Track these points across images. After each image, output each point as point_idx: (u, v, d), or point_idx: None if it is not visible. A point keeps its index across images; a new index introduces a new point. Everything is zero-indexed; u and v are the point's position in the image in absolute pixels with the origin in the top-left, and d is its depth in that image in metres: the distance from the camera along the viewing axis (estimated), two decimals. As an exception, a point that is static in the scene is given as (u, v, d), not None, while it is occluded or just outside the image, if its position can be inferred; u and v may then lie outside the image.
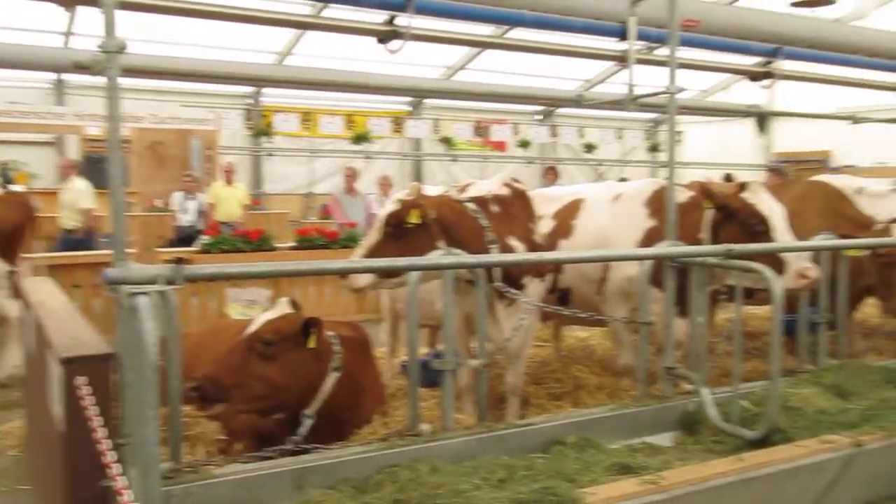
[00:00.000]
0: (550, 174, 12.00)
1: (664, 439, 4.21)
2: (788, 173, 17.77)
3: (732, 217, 4.70)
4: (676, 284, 4.47)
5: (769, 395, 3.91)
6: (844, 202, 5.97)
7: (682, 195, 4.90)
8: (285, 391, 3.73)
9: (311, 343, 3.76)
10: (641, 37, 4.94)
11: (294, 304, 4.08)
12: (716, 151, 20.80)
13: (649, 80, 4.82)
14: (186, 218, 11.62)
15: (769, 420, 3.84)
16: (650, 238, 4.92)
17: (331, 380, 3.88)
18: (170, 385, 3.20)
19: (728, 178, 5.18)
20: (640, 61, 4.94)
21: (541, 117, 18.52)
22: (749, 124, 20.85)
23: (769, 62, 5.27)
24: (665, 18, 4.37)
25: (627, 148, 20.18)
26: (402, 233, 4.21)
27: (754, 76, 5.23)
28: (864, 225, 5.61)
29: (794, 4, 4.74)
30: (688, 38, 5.07)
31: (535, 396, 5.34)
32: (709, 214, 4.80)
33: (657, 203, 4.92)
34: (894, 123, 6.37)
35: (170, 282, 2.85)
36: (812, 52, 5.97)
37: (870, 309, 6.85)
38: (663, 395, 4.46)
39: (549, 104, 15.91)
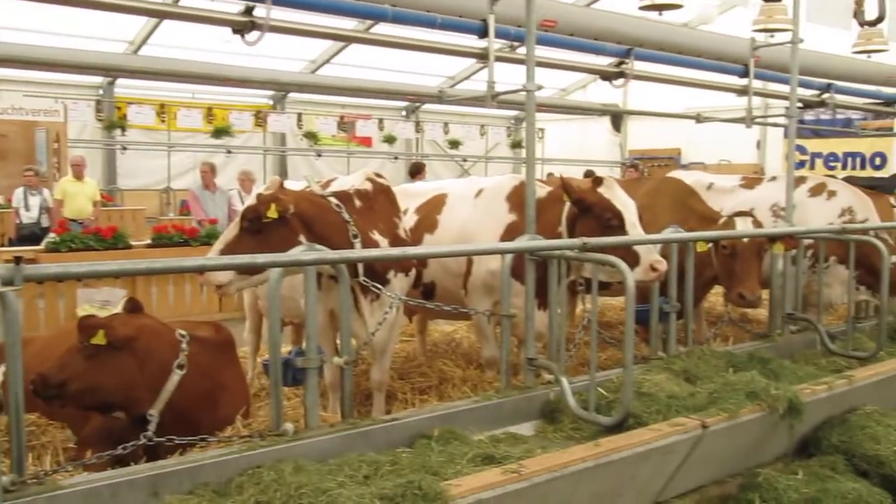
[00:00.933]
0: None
1: (526, 428, 4.31)
2: (644, 170, 18.69)
3: (588, 211, 4.86)
4: (536, 277, 4.59)
5: (624, 382, 4.07)
6: (693, 197, 6.30)
7: (542, 191, 5.03)
8: (104, 389, 3.67)
9: (99, 339, 3.63)
10: (501, 35, 5.04)
11: (134, 302, 3.96)
12: (574, 149, 21.57)
13: (511, 77, 4.91)
14: (29, 215, 10.96)
15: (624, 406, 3.99)
16: (511, 232, 5.02)
17: (175, 378, 3.77)
18: (10, 392, 2.99)
19: (589, 175, 5.38)
20: (501, 59, 5.03)
21: (405, 113, 18.58)
22: (605, 123, 21.74)
23: (622, 63, 5.51)
24: (524, 17, 4.47)
25: (491, 144, 20.57)
26: (260, 228, 4.12)
27: (608, 76, 5.45)
28: (710, 219, 5.94)
29: (643, 7, 4.96)
30: (546, 38, 5.21)
31: (401, 391, 5.36)
32: (567, 209, 4.95)
33: (517, 198, 5.03)
34: (734, 123, 6.84)
35: (7, 282, 2.66)
36: (662, 54, 6.27)
37: (715, 298, 7.28)
38: (525, 385, 4.57)
39: (414, 100, 15.98)
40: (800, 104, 6.38)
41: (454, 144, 18.63)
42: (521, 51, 4.96)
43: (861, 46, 6.52)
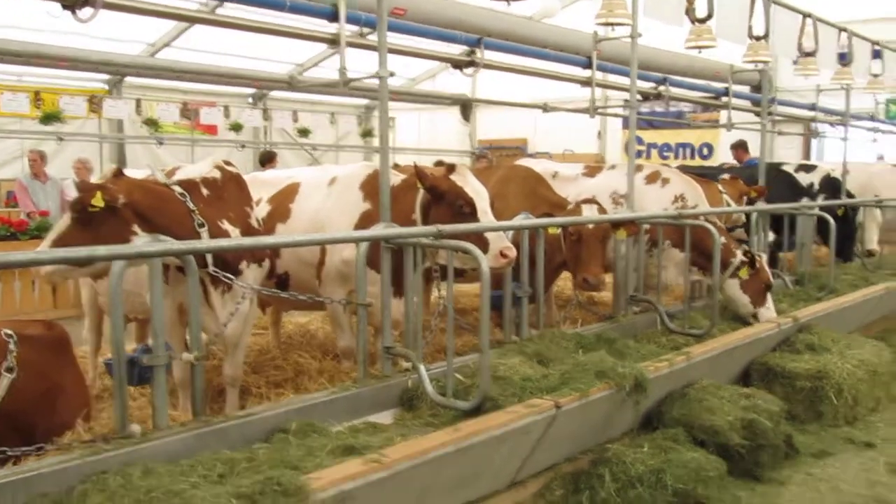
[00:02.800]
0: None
1: (385, 417, 4.30)
2: (493, 159, 19.09)
3: (441, 199, 4.89)
4: (392, 265, 4.58)
5: (481, 367, 4.13)
6: (542, 185, 6.48)
7: (395, 178, 5.01)
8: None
9: None
10: (352, 20, 4.96)
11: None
12: (425, 138, 21.72)
13: (361, 65, 4.84)
14: None
15: (481, 390, 4.05)
16: (365, 221, 4.98)
17: (3, 383, 3.50)
18: None
19: (439, 164, 5.42)
20: (352, 45, 4.96)
21: (252, 101, 18.06)
22: (455, 112, 22.01)
23: (472, 52, 5.58)
24: (374, 3, 4.43)
25: (341, 133, 20.36)
26: (90, 219, 3.85)
27: (459, 64, 5.50)
28: (559, 205, 6.13)
29: (492, -6, 5.05)
30: (397, 25, 5.18)
31: (256, 386, 5.21)
32: (420, 197, 4.96)
33: (371, 186, 4.99)
34: (579, 113, 7.12)
35: None
36: (511, 45, 6.40)
37: (563, 282, 7.53)
38: (383, 374, 4.55)
39: (262, 86, 15.54)
40: (638, 96, 6.68)
41: (304, 133, 18.27)
42: (372, 38, 4.91)
43: (692, 42, 6.89)
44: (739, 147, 12.05)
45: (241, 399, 4.92)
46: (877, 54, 10.23)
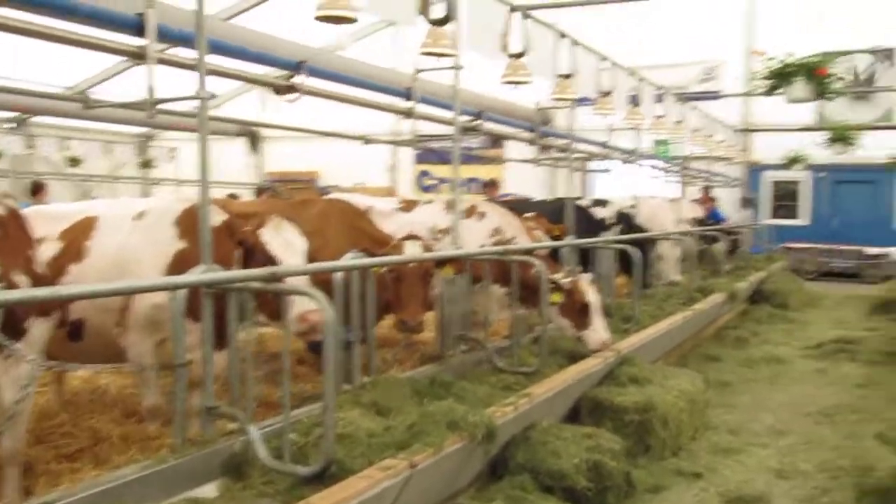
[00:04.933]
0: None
1: (210, 490, 3.72)
2: (282, 192, 18.43)
3: (252, 254, 4.44)
4: (213, 313, 4.01)
5: (325, 425, 3.67)
6: (363, 220, 6.13)
7: (217, 216, 4.45)
8: None
9: None
10: (162, 34, 4.34)
11: None
12: (211, 169, 20.64)
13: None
14: None
15: (326, 452, 3.60)
16: (181, 261, 4.36)
17: None
18: None
19: (233, 197, 4.94)
20: (164, 62, 4.35)
21: (14, 125, 16.17)
22: (242, 143, 21.13)
23: (292, 76, 5.15)
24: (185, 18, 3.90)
25: (117, 163, 18.82)
26: None
27: (279, 89, 5.05)
28: (382, 242, 5.80)
29: (318, 18, 4.65)
30: (216, 43, 4.64)
31: (43, 461, 4.36)
32: (244, 234, 4.44)
33: (188, 223, 4.39)
34: (398, 145, 6.93)
35: None
36: (333, 72, 6.05)
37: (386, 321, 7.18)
38: (205, 439, 3.96)
39: (25, 110, 13.89)
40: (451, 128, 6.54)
41: (74, 162, 16.63)
42: (186, 54, 4.34)
43: (509, 77, 6.87)
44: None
45: (26, 479, 4.08)
46: (659, 98, 10.93)
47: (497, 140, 16.30)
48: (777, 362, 8.84)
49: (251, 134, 20.41)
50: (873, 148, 17.53)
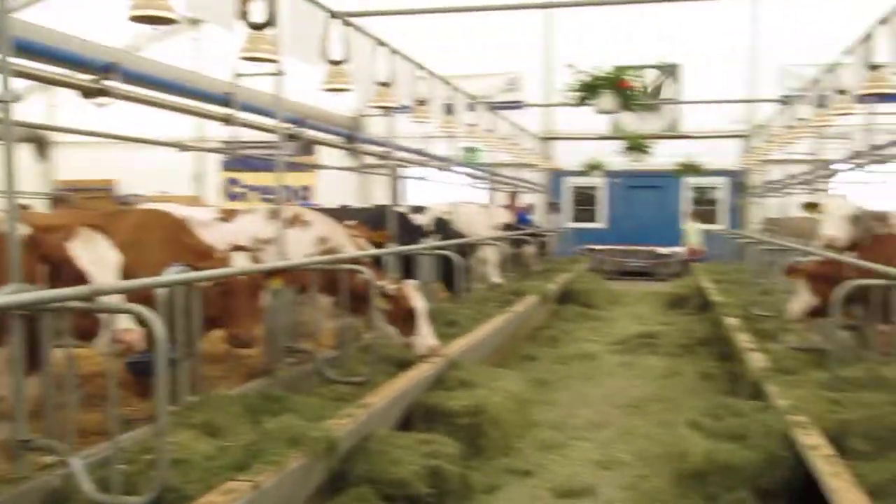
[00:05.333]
0: None
1: (28, 532, 3.39)
2: (75, 202, 17.17)
3: (59, 270, 4.07)
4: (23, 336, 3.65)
5: (156, 449, 3.45)
6: (184, 231, 5.81)
7: (23, 230, 4.05)
8: None
9: None
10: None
11: None
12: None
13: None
14: None
15: (160, 479, 3.38)
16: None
17: None
18: None
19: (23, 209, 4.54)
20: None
21: None
22: (27, 150, 19.49)
23: (102, 79, 4.77)
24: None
25: None
26: None
27: (88, 92, 4.67)
28: (206, 254, 5.53)
29: (133, 19, 4.37)
30: (21, 43, 4.23)
31: None
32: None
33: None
34: (217, 153, 6.61)
35: None
36: (149, 75, 5.70)
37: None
38: (18, 476, 3.60)
39: None
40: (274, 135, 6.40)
41: None
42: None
43: (329, 84, 6.80)
44: None
45: None
46: (472, 106, 11.24)
47: (307, 147, 16.10)
48: (589, 358, 9.34)
49: (38, 139, 18.87)
50: (661, 156, 19.05)
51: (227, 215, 7.12)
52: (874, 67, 6.77)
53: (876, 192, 9.35)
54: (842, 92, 8.10)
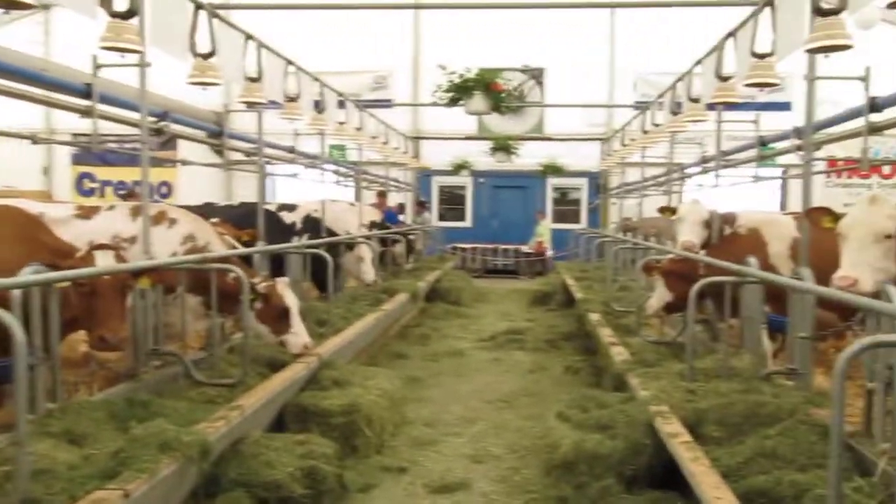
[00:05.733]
0: None
1: None
2: None
3: None
4: None
5: (16, 461, 3.26)
6: (40, 229, 5.49)
7: None
8: None
9: None
10: None
11: None
12: None
13: None
14: None
15: (20, 492, 3.20)
16: None
17: None
18: None
19: None
20: None
21: None
22: None
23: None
24: None
25: None
26: None
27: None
28: (65, 253, 5.24)
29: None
30: None
31: None
32: None
33: None
34: (75, 145, 6.15)
35: None
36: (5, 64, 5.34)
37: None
38: None
39: None
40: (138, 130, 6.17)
41: None
42: None
43: (196, 78, 6.59)
44: None
45: None
46: (341, 104, 11.16)
47: (168, 142, 15.56)
48: (458, 355, 9.50)
49: None
50: (526, 156, 19.59)
51: (86, 212, 6.77)
52: (723, 78, 7.19)
53: (724, 194, 9.93)
54: (694, 100, 8.57)
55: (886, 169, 18.83)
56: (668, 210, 8.57)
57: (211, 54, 6.74)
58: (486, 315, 12.99)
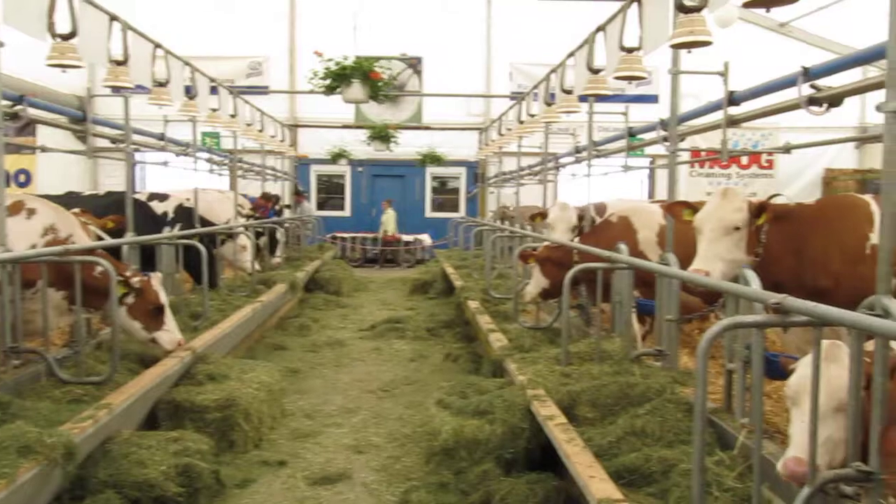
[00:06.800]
0: None
1: None
2: None
3: None
4: None
5: None
6: None
7: None
8: None
9: None
10: None
11: None
12: None
13: None
14: None
15: None
16: None
17: None
18: None
19: None
20: None
21: None
22: None
23: None
24: None
25: None
26: None
27: None
28: None
29: None
30: None
31: None
32: None
33: None
34: None
35: None
36: None
37: None
38: None
39: None
40: None
41: None
42: None
43: (55, 59, 6.23)
44: None
45: None
46: (213, 90, 10.81)
47: (26, 128, 14.67)
48: (339, 345, 9.44)
49: None
50: (405, 146, 19.59)
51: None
52: (594, 71, 7.40)
53: (596, 183, 10.25)
54: (567, 91, 8.78)
55: (744, 159, 19.92)
56: (539, 216, 8.89)
57: (72, 35, 6.38)
58: (366, 304, 12.96)
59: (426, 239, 20.33)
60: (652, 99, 18.37)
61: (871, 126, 16.93)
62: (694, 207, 5.10)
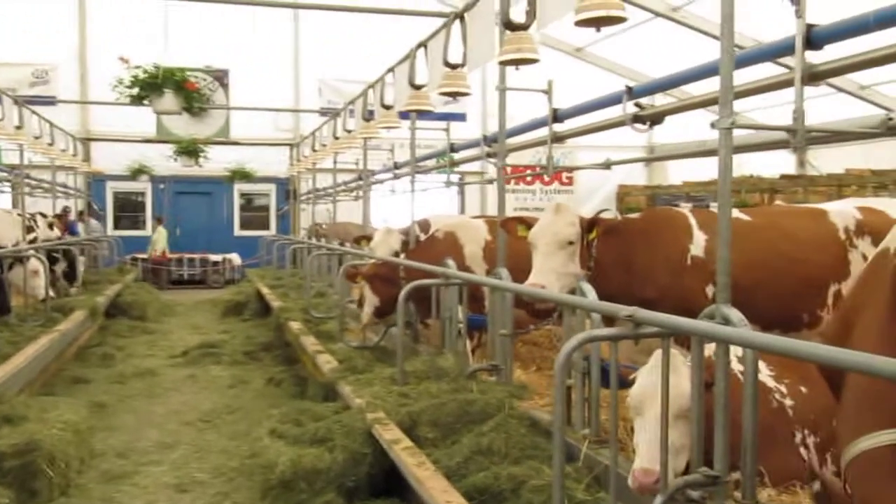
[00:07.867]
0: None
1: None
2: None
3: None
4: None
5: None
6: None
7: None
8: None
9: None
10: None
11: None
12: None
13: None
14: None
15: None
16: None
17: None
18: None
19: None
20: None
21: None
22: None
23: None
24: None
25: None
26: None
27: None
28: None
29: None
30: None
31: None
32: None
33: None
34: None
35: None
36: None
37: None
38: None
39: None
40: None
41: None
42: None
43: None
44: None
45: None
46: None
47: None
48: (149, 375, 8.78)
49: None
50: (212, 161, 18.77)
51: None
52: (416, 86, 7.38)
53: (407, 199, 10.26)
54: (387, 107, 8.73)
55: (546, 177, 20.81)
56: (364, 239, 8.81)
57: None
58: (176, 329, 12.20)
59: (235, 258, 19.55)
60: (461, 117, 18.77)
61: (659, 146, 18.16)
62: (528, 223, 5.17)
